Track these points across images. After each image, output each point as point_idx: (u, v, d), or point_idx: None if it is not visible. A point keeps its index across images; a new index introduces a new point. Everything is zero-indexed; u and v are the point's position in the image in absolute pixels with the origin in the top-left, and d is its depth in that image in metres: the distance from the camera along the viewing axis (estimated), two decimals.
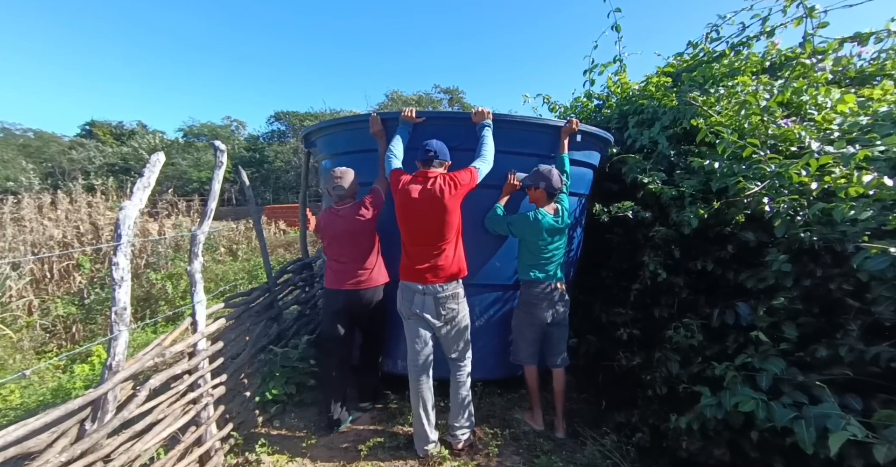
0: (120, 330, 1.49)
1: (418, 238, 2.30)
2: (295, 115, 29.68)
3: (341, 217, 2.55)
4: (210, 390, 2.02)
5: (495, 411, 2.84)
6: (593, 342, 2.94)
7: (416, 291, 2.30)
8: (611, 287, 3.07)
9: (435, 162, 2.32)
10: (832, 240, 1.76)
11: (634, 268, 2.87)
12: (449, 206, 2.23)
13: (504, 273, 2.76)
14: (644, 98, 3.20)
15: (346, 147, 2.99)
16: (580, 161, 2.88)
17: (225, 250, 11.01)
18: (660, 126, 2.86)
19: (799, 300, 1.86)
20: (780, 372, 1.63)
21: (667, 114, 2.86)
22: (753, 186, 2.04)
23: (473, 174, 2.30)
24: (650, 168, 2.74)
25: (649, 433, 2.23)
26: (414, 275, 2.30)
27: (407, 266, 2.35)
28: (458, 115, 2.65)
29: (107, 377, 1.50)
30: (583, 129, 2.68)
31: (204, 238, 2.02)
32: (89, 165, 26.65)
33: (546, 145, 2.68)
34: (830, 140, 2.09)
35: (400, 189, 2.28)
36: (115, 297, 1.46)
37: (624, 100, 3.45)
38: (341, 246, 2.58)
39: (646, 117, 3.04)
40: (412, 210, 2.26)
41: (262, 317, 2.72)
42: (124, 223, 1.49)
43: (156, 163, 1.66)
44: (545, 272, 2.53)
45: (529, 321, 2.56)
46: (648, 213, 2.68)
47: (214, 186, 2.12)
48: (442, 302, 2.29)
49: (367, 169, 2.68)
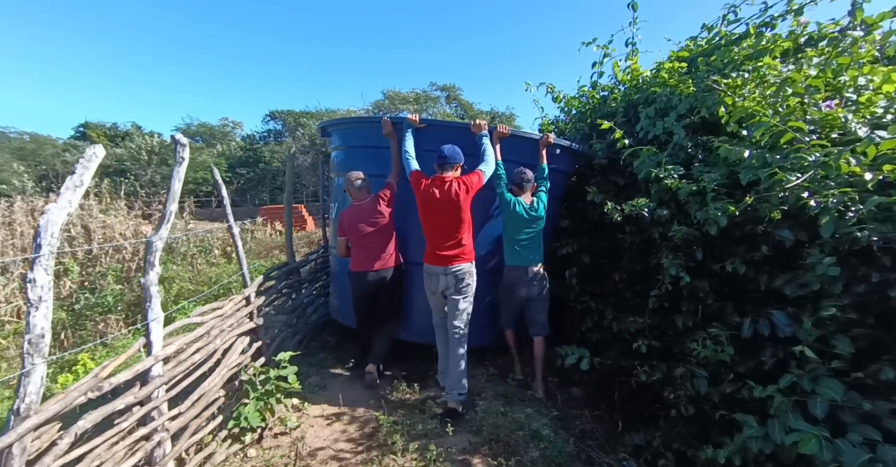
0: (34, 363, 1.17)
1: (438, 231, 2.79)
2: (290, 114, 29.31)
3: (364, 210, 3.06)
4: (166, 423, 1.74)
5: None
6: (608, 354, 2.68)
7: (439, 273, 2.80)
8: (623, 292, 2.81)
9: (447, 166, 2.78)
10: (893, 240, 1.50)
11: (649, 270, 2.61)
12: (463, 205, 2.72)
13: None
14: (656, 85, 2.92)
15: (360, 142, 3.53)
16: (552, 168, 3.26)
17: (219, 252, 10.80)
18: (675, 115, 2.59)
19: (850, 309, 1.59)
20: (838, 398, 1.37)
21: (682, 102, 2.59)
22: (792, 178, 1.77)
23: (481, 177, 2.78)
24: (665, 161, 2.47)
25: (674, 460, 1.97)
26: (437, 260, 2.79)
27: (431, 253, 2.84)
28: (458, 125, 3.20)
29: (12, 424, 1.18)
30: (557, 143, 3.17)
31: (162, 245, 1.74)
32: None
33: (526, 153, 3.15)
34: (878, 124, 1.82)
35: (422, 191, 2.77)
36: (29, 322, 1.15)
37: (634, 88, 3.18)
38: (367, 235, 3.05)
39: (659, 106, 2.77)
40: (433, 209, 2.76)
41: (237, 330, 2.44)
42: (46, 230, 1.20)
43: (91, 159, 1.38)
44: (522, 258, 3.00)
45: (509, 297, 3.10)
46: (666, 211, 2.41)
47: (174, 186, 1.83)
48: (461, 280, 2.79)
49: (376, 162, 3.23)
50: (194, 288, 8.46)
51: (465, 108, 23.50)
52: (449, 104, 23.45)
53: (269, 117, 31.53)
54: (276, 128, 31.44)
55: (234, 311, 2.50)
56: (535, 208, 2.98)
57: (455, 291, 2.79)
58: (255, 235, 11.01)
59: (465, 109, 23.42)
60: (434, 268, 2.80)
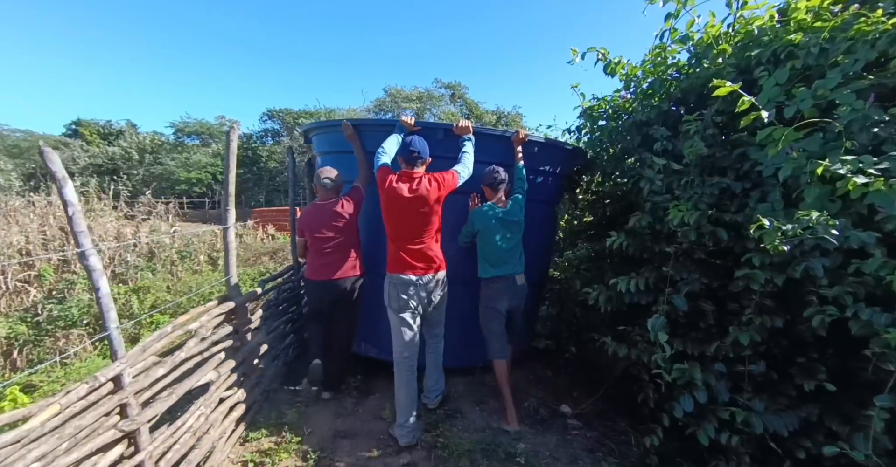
0: None
1: (404, 233, 2.47)
2: (289, 113, 28.48)
3: (326, 211, 2.79)
4: None
5: None
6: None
7: (409, 283, 2.46)
8: (745, 360, 1.88)
9: (418, 161, 2.47)
10: None
11: (794, 326, 1.71)
12: (433, 204, 2.43)
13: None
14: (794, 32, 1.98)
15: (329, 147, 3.33)
16: (541, 170, 3.07)
17: (205, 258, 10.04)
18: (839, 75, 1.68)
19: None
20: None
21: (858, 49, 1.68)
22: None
23: (455, 177, 2.49)
24: (831, 147, 1.58)
25: None
26: (406, 268, 2.47)
27: (397, 259, 2.49)
28: (445, 126, 2.81)
29: None
30: (532, 139, 2.87)
31: None
32: (73, 166, 25.51)
33: (501, 153, 2.86)
34: None
35: (387, 187, 2.42)
36: None
37: (747, 41, 2.21)
38: (326, 238, 2.79)
39: (807, 63, 1.84)
40: (399, 207, 2.43)
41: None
42: None
43: None
44: (503, 268, 2.71)
45: (492, 315, 2.75)
46: (869, 233, 1.49)
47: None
48: (432, 289, 2.53)
49: (347, 168, 2.99)
50: (171, 297, 7.73)
51: (470, 107, 22.59)
52: (454, 103, 22.50)
53: (266, 116, 30.66)
54: (273, 128, 30.59)
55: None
56: (510, 211, 2.71)
57: (428, 303, 2.55)
58: (244, 240, 10.14)
59: (471, 108, 22.52)
60: (402, 278, 2.46)
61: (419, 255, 2.46)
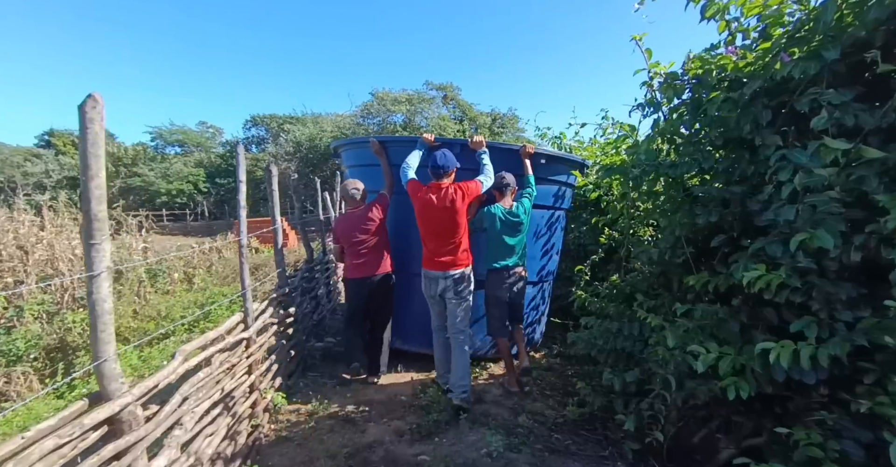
0: None
1: (436, 236, 2.90)
2: (273, 119, 27.53)
3: (357, 217, 3.24)
4: None
5: None
6: None
7: (438, 278, 2.91)
8: None
9: (443, 174, 2.86)
10: None
11: None
12: (460, 210, 2.83)
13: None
14: None
15: (357, 161, 3.91)
16: (549, 179, 3.48)
17: (180, 276, 9.07)
18: None
19: None
20: None
21: None
22: None
23: (479, 185, 2.91)
24: None
25: None
26: (436, 266, 2.91)
27: (429, 258, 2.96)
28: (462, 142, 3.20)
29: None
30: (541, 152, 3.28)
31: None
32: (46, 179, 24.16)
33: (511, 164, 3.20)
34: None
35: (419, 197, 2.89)
36: None
37: None
38: (360, 242, 3.21)
39: None
40: (431, 214, 2.86)
41: None
42: None
43: None
44: (506, 261, 3.05)
45: (495, 302, 3.11)
46: None
47: None
48: (458, 284, 2.91)
49: (372, 179, 3.51)
50: (137, 325, 6.76)
51: (463, 109, 21.76)
52: (446, 105, 21.64)
53: (250, 123, 29.63)
54: (258, 135, 29.55)
55: None
56: (514, 212, 3.03)
57: (454, 295, 2.91)
58: (223, 254, 9.16)
59: (464, 110, 21.71)
60: (432, 273, 2.93)
61: (447, 254, 2.88)
